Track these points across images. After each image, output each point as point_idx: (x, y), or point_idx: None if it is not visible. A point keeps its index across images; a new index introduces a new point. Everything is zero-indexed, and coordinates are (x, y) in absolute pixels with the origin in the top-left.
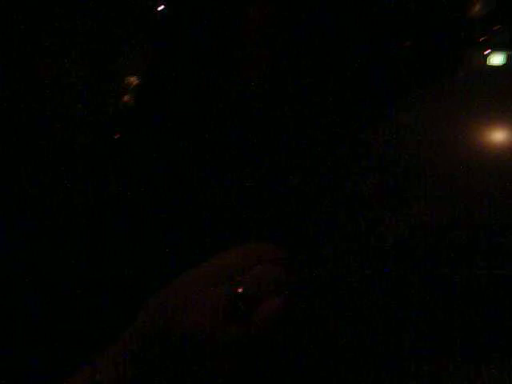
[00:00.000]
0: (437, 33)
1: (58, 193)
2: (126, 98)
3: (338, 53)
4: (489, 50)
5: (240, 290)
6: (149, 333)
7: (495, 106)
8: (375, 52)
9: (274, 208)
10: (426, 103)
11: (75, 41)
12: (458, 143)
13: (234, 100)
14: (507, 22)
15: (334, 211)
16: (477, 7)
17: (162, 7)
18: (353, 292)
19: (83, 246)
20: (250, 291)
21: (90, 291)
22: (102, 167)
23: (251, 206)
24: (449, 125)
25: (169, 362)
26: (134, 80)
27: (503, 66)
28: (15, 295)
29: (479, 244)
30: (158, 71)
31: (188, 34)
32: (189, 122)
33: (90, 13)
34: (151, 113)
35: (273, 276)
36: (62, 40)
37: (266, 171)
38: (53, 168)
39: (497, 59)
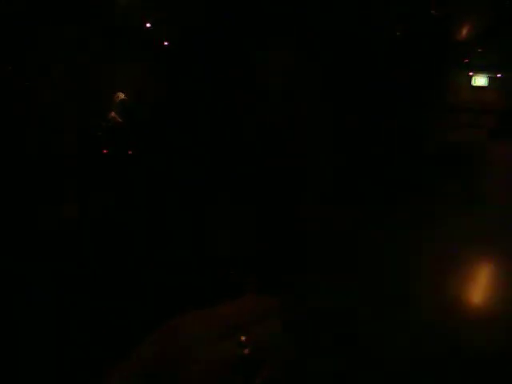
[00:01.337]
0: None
1: None
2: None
3: None
4: (472, 73)
5: (246, 352)
6: (161, 354)
7: None
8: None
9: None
10: None
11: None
12: None
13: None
14: (488, 47)
15: None
16: (462, 32)
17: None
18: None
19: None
20: (254, 355)
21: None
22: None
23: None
24: None
25: None
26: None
27: (485, 87)
28: None
29: None
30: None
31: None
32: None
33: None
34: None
35: (274, 335)
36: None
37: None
38: None
39: (480, 81)
